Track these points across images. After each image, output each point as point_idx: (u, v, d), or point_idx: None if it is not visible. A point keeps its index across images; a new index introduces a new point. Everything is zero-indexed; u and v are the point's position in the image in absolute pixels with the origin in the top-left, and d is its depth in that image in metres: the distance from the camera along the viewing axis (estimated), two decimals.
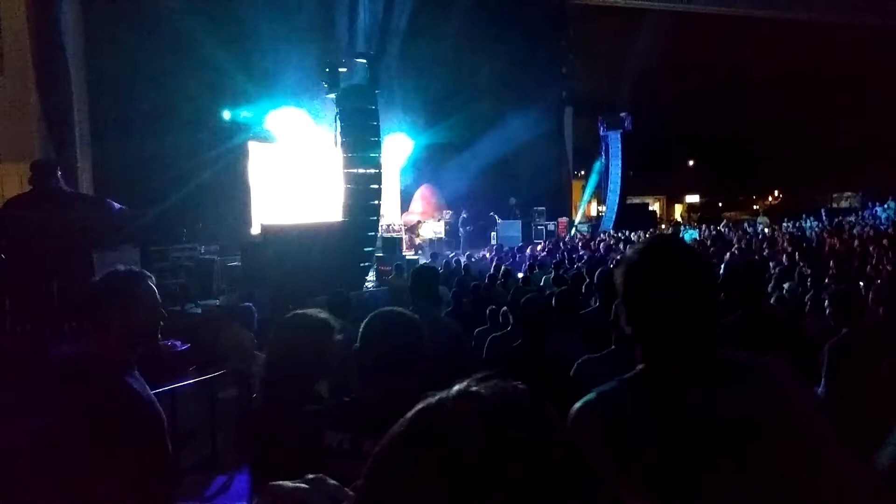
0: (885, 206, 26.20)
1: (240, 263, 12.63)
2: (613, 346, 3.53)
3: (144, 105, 14.77)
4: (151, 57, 14.77)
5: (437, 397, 0.71)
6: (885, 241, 15.05)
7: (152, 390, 5.59)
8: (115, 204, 6.38)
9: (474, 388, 0.71)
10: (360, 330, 2.05)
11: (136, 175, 13.58)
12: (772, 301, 6.97)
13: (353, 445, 1.83)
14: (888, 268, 10.41)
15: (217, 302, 11.67)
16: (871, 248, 13.86)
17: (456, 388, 0.72)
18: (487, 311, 6.72)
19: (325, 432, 1.92)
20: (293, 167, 18.03)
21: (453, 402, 0.69)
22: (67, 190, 6.81)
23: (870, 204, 29.36)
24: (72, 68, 12.80)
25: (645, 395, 1.50)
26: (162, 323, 2.52)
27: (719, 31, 32.72)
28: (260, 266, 11.43)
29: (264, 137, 17.76)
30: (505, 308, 6.07)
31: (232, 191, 16.55)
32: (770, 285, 8.37)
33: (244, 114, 17.33)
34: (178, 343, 7.37)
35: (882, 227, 19.27)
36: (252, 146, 17.33)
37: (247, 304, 7.17)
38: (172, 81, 14.92)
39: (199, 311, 11.18)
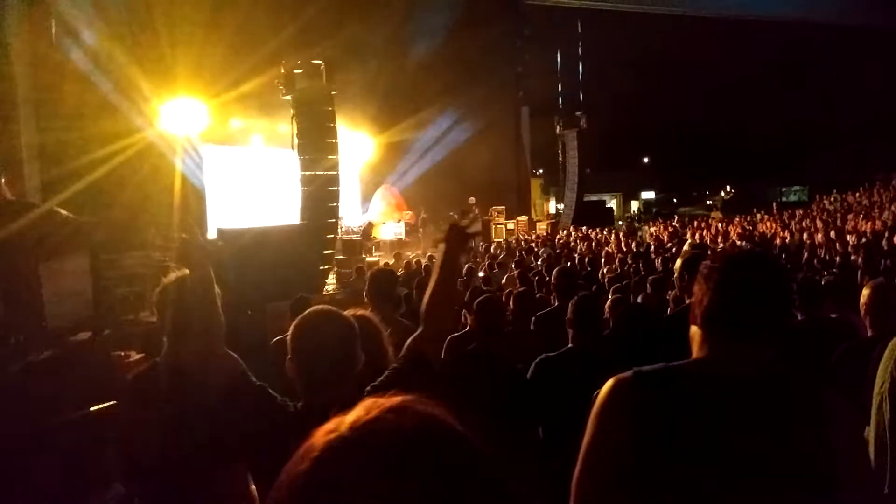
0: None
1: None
2: (571, 345, 3.54)
3: (93, 110, 14.39)
4: (99, 56, 14.41)
5: (333, 432, 0.67)
6: (832, 234, 15.50)
7: (107, 402, 5.44)
8: (63, 211, 6.21)
9: (375, 419, 0.68)
10: (289, 336, 2.02)
11: (84, 178, 13.21)
12: None
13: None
14: (836, 259, 10.71)
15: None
16: (819, 240, 14.25)
17: (354, 416, 0.69)
18: None
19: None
20: (249, 169, 17.80)
21: (351, 438, 0.66)
22: (12, 198, 6.61)
23: (817, 197, 30.19)
24: (17, 71, 12.42)
25: (692, 386, 1.50)
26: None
27: (672, 28, 33.26)
28: (216, 271, 11.22)
29: (218, 139, 17.49)
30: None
31: (186, 194, 16.25)
32: None
33: (196, 115, 17.01)
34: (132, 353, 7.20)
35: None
36: (206, 149, 17.04)
37: None
38: (123, 83, 14.58)
39: (154, 319, 10.93)
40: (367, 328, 2.46)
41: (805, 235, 16.11)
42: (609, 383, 1.53)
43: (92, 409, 5.27)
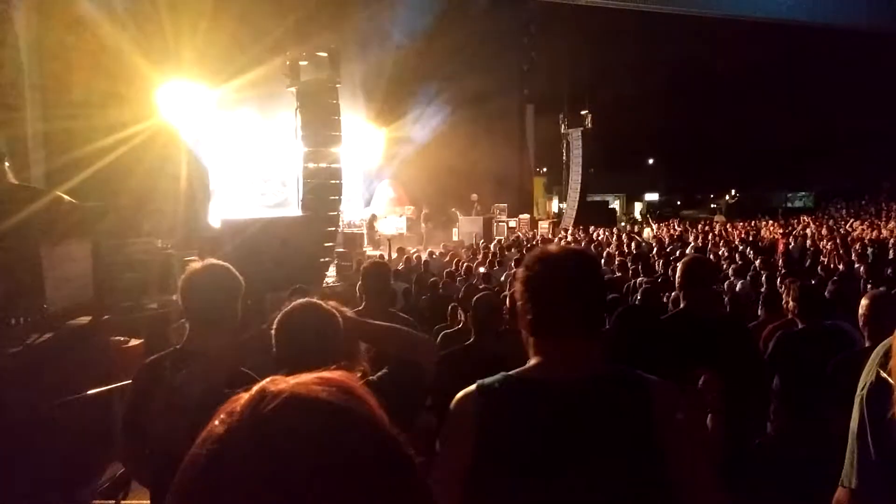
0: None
1: (197, 258, 12.43)
2: None
3: (98, 98, 14.41)
4: (105, 46, 14.42)
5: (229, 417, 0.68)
6: (837, 241, 15.49)
7: (104, 386, 5.48)
8: (66, 197, 6.24)
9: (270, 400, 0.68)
10: (273, 332, 2.08)
11: (89, 166, 13.24)
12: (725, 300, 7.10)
13: None
14: (840, 267, 10.69)
15: (174, 297, 11.44)
16: (824, 247, 14.23)
17: (248, 399, 0.69)
18: (449, 309, 6.71)
19: None
20: (251, 160, 17.83)
21: (247, 423, 0.67)
22: (16, 182, 6.64)
23: (822, 203, 30.18)
24: (23, 58, 12.44)
25: (530, 394, 1.55)
26: None
27: (679, 30, 33.19)
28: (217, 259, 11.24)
29: (222, 129, 17.50)
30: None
31: (189, 182, 16.27)
32: (727, 283, 8.56)
33: (200, 105, 17.02)
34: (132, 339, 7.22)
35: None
36: (211, 137, 17.06)
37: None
38: (128, 72, 14.59)
39: (156, 305, 10.97)
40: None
41: (809, 242, 16.09)
42: (456, 397, 1.60)
43: (91, 391, 5.30)
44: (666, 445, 1.49)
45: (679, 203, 46.95)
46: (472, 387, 1.59)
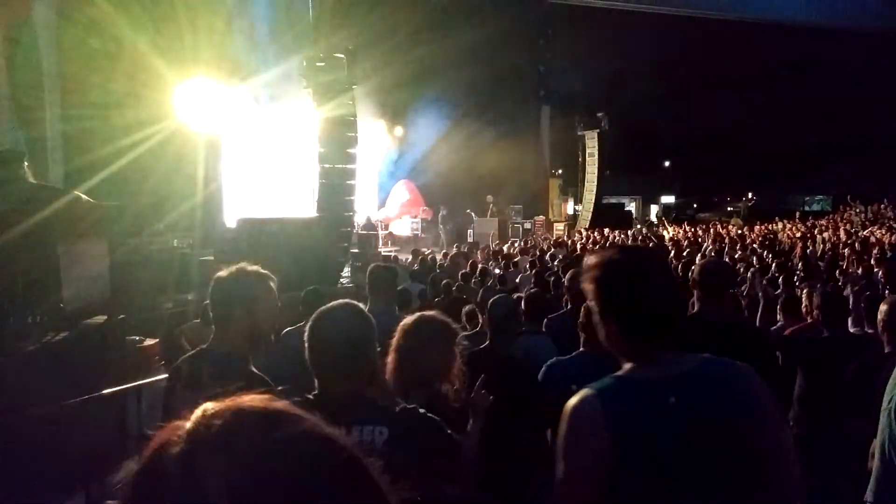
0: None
1: (213, 258, 12.50)
2: (582, 349, 3.52)
3: (116, 97, 14.52)
4: (123, 46, 14.53)
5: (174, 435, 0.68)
6: (856, 246, 15.30)
7: (120, 385, 5.51)
8: (84, 196, 6.28)
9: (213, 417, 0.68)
10: (307, 330, 2.08)
11: (107, 166, 13.34)
12: (744, 304, 7.03)
13: None
14: (858, 272, 10.55)
15: (190, 296, 11.52)
16: (844, 252, 14.06)
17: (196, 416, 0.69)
18: (463, 311, 6.69)
19: None
20: (267, 160, 17.91)
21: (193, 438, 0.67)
22: (35, 182, 6.69)
23: (840, 207, 29.86)
24: (44, 58, 12.57)
25: (644, 391, 1.60)
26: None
27: (697, 32, 32.98)
28: (234, 260, 11.28)
29: (238, 129, 17.60)
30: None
31: (206, 183, 16.36)
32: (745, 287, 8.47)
33: (218, 105, 17.11)
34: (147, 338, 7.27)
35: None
36: (227, 137, 17.16)
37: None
38: (145, 73, 14.70)
39: (171, 305, 11.03)
40: None
41: (828, 246, 15.92)
42: (571, 405, 1.62)
43: (107, 391, 5.33)
44: (768, 418, 1.59)
45: (695, 206, 46.62)
46: (588, 390, 1.62)
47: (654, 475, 1.52)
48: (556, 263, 11.82)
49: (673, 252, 13.97)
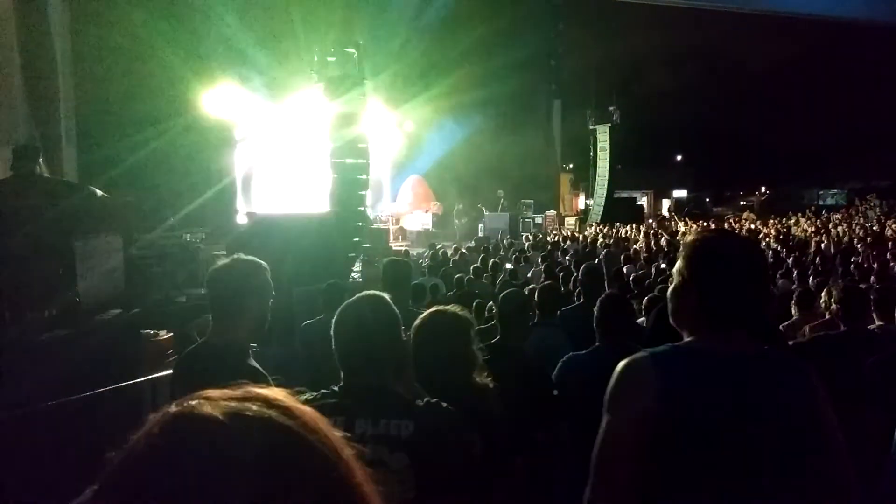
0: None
1: (224, 252, 12.53)
2: (598, 343, 3.51)
3: (130, 92, 14.60)
4: (138, 44, 14.60)
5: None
6: (869, 240, 15.18)
7: (133, 379, 5.54)
8: (98, 191, 6.31)
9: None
10: (333, 322, 2.07)
11: (121, 161, 13.42)
12: None
13: (346, 426, 1.85)
14: (874, 266, 10.46)
15: (202, 291, 11.56)
16: (858, 247, 13.95)
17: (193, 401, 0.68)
18: (473, 305, 6.69)
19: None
20: (279, 156, 17.95)
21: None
22: (49, 177, 6.73)
23: (856, 201, 29.62)
24: (58, 53, 12.63)
25: (699, 362, 1.64)
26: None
27: (709, 25, 32.76)
28: (245, 255, 11.32)
29: (250, 125, 17.64)
30: (490, 302, 6.05)
31: (218, 178, 16.43)
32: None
33: (230, 101, 17.16)
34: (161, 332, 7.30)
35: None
36: (239, 133, 17.21)
37: None
38: (158, 68, 14.76)
39: (185, 299, 11.09)
40: None
41: (847, 239, 15.79)
42: (624, 363, 1.67)
43: (121, 384, 5.36)
44: (822, 417, 1.60)
45: (708, 200, 46.35)
46: (643, 353, 1.67)
47: (695, 443, 1.54)
48: (567, 258, 11.79)
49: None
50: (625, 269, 9.65)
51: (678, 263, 1.75)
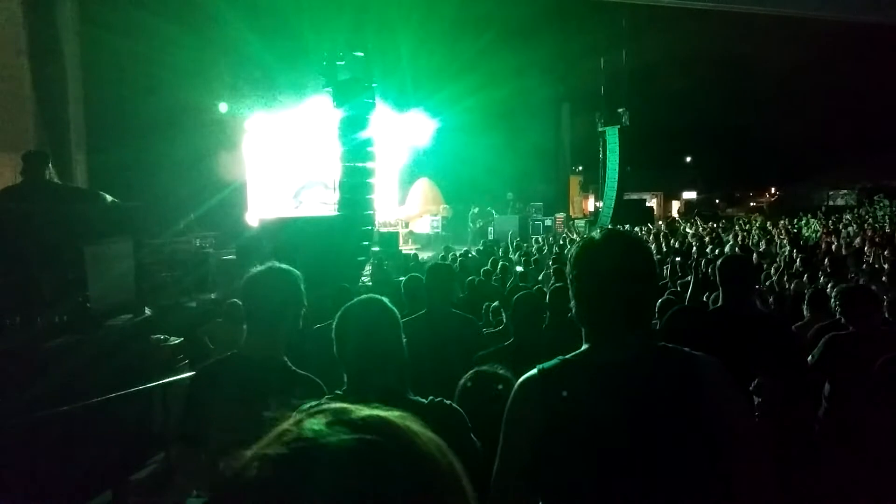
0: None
1: (235, 257, 12.57)
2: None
3: (139, 97, 14.68)
4: (147, 48, 14.68)
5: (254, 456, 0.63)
6: (877, 240, 15.06)
7: (144, 385, 5.54)
8: (108, 196, 6.32)
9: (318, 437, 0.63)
10: (336, 326, 2.10)
11: (131, 167, 13.49)
12: (770, 300, 6.95)
13: None
14: (885, 267, 10.37)
15: (213, 296, 11.59)
16: (867, 248, 13.85)
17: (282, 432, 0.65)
18: (483, 308, 6.67)
19: None
20: (288, 160, 18.00)
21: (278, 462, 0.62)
22: (59, 182, 6.75)
23: (866, 202, 29.42)
24: (67, 58, 12.70)
25: (586, 374, 1.63)
26: None
27: (718, 26, 32.63)
28: (255, 259, 11.34)
29: (259, 129, 17.70)
30: (496, 304, 6.03)
31: (227, 182, 16.49)
32: (772, 280, 8.37)
33: (241, 105, 17.24)
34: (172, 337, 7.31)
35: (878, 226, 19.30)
36: (248, 138, 17.27)
37: (234, 300, 7.00)
38: (167, 73, 14.83)
39: (195, 304, 11.11)
40: None
41: (858, 240, 15.67)
42: (518, 382, 1.70)
43: (132, 389, 5.37)
44: (718, 415, 1.55)
45: (717, 201, 46.15)
46: (534, 370, 1.68)
47: (577, 456, 1.54)
48: None
49: (696, 247, 13.84)
50: None
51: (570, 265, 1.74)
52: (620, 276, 1.62)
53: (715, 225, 22.77)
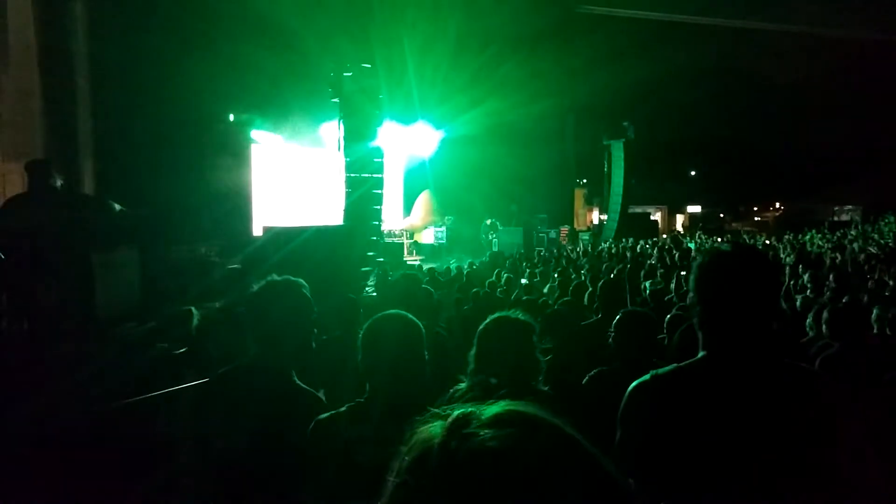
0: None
1: (240, 266, 12.57)
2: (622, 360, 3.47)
3: (148, 105, 14.74)
4: (156, 57, 14.74)
5: (439, 438, 0.66)
6: (882, 256, 15.02)
7: (147, 394, 5.54)
8: (116, 205, 6.35)
9: (484, 440, 0.67)
10: (361, 337, 2.18)
11: (138, 175, 13.53)
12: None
13: (376, 432, 1.97)
14: (890, 283, 10.35)
15: (217, 304, 11.57)
16: (872, 263, 13.82)
17: (453, 427, 0.67)
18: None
19: (345, 426, 2.10)
20: (295, 169, 18.04)
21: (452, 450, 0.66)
22: (67, 190, 6.79)
23: (871, 217, 29.38)
24: (76, 67, 12.77)
25: (703, 382, 1.67)
26: None
27: (723, 41, 32.69)
28: (261, 268, 11.35)
29: (268, 139, 17.76)
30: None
31: (234, 191, 16.51)
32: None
33: (248, 114, 17.30)
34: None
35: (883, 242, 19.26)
36: (255, 148, 17.32)
37: (240, 309, 6.99)
38: (176, 81, 14.89)
39: (200, 313, 11.07)
40: None
41: (863, 257, 15.64)
42: (632, 385, 1.75)
43: (137, 398, 5.37)
44: (831, 430, 1.56)
45: (722, 215, 46.12)
46: (647, 376, 1.74)
47: (689, 462, 1.58)
48: (583, 273, 11.73)
49: None
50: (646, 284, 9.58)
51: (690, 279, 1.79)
52: (751, 288, 1.67)
53: (719, 239, 22.75)
